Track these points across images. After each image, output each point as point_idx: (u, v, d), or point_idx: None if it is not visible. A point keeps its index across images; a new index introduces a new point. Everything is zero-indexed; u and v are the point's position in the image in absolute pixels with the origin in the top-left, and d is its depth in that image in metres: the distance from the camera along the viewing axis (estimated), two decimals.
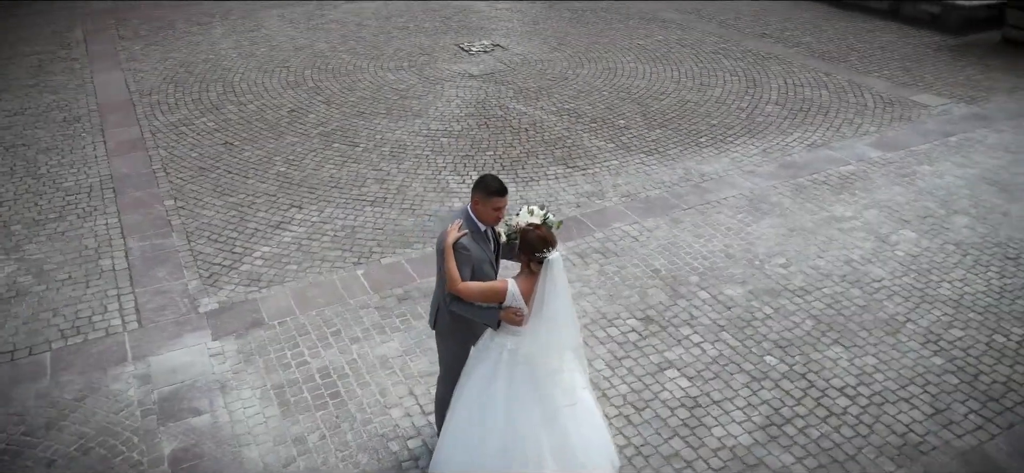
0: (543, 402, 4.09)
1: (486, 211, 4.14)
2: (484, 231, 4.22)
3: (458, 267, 4.06)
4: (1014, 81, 10.59)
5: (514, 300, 4.00)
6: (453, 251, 4.07)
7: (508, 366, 4.11)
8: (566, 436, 4.10)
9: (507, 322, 4.06)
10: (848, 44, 12.24)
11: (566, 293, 4.01)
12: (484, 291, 4.05)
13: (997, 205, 7.42)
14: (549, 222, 4.10)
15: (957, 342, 5.59)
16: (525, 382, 4.09)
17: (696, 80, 10.78)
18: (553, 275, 3.91)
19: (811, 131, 9.14)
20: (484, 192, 4.12)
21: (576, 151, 8.70)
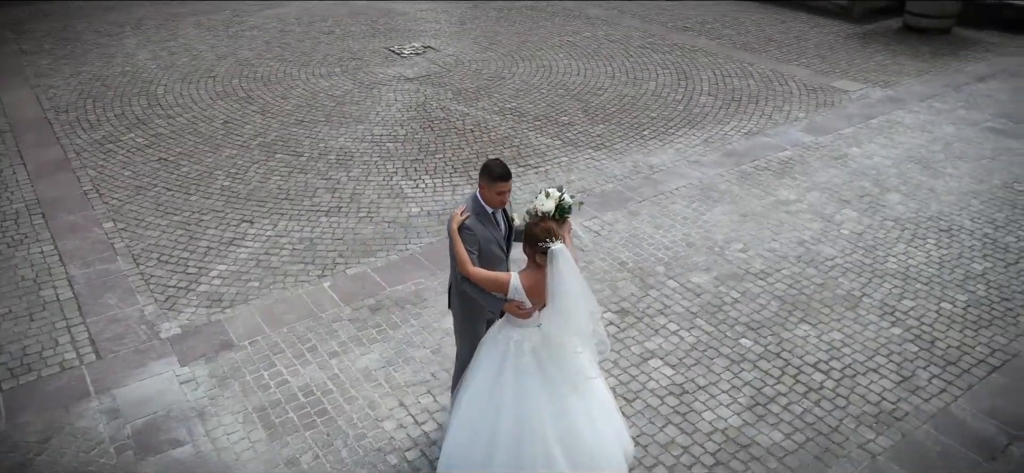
0: (551, 394, 4.10)
1: (491, 195, 4.22)
2: (492, 213, 4.29)
3: (466, 248, 4.12)
4: (920, 65, 11.33)
5: (516, 294, 4.01)
6: (458, 234, 4.16)
7: (515, 358, 4.11)
8: (576, 428, 4.12)
9: (511, 314, 4.08)
10: (766, 35, 12.78)
11: (574, 283, 3.94)
12: (489, 280, 4.06)
13: (924, 182, 7.92)
14: (566, 204, 4.14)
15: (910, 312, 5.95)
16: (532, 374, 4.10)
17: (630, 74, 11.02)
18: (558, 266, 3.88)
19: (745, 120, 9.51)
20: (488, 177, 4.20)
21: (525, 150, 8.75)
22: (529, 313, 4.06)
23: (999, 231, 7.02)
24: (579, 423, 4.13)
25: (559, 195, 4.16)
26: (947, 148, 8.65)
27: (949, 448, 4.70)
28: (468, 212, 4.25)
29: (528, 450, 4.10)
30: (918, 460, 4.62)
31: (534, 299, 4.01)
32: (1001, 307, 5.99)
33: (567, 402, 4.12)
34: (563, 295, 3.91)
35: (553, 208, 4.14)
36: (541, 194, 4.18)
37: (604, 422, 4.26)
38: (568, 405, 4.12)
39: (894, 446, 4.72)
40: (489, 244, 4.26)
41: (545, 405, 4.10)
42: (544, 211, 4.13)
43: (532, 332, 4.10)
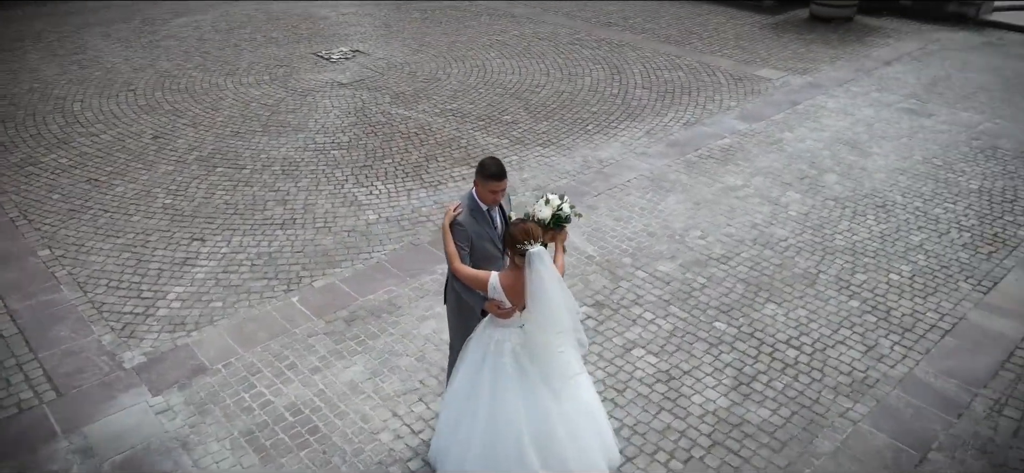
0: (529, 396, 4.08)
1: (485, 193, 4.23)
2: (487, 211, 4.29)
3: (456, 244, 4.15)
4: (831, 52, 11.98)
5: (495, 293, 4.00)
6: (450, 229, 4.17)
7: (495, 357, 4.11)
8: (554, 432, 4.09)
9: (491, 313, 4.09)
10: (687, 28, 13.21)
11: (554, 285, 3.91)
12: (471, 278, 4.06)
13: (855, 162, 8.40)
14: (563, 213, 4.13)
15: (864, 285, 6.31)
16: (511, 375, 4.08)
17: (564, 71, 11.17)
18: (536, 268, 3.84)
19: (682, 110, 9.81)
20: (482, 175, 4.20)
21: (473, 151, 8.74)
22: (509, 313, 4.03)
23: (928, 204, 7.52)
24: (557, 428, 4.10)
25: (558, 203, 4.15)
26: (869, 129, 9.20)
27: (920, 409, 5.02)
28: (462, 208, 4.26)
29: (501, 450, 4.10)
30: (895, 423, 4.91)
31: (514, 299, 3.98)
32: (942, 274, 6.43)
33: (546, 406, 4.09)
34: (542, 298, 3.88)
35: (549, 216, 4.13)
36: (541, 200, 4.18)
37: (586, 428, 4.22)
38: (547, 409, 4.09)
39: (871, 412, 5.01)
40: (483, 241, 4.26)
41: (521, 407, 4.08)
42: (540, 218, 4.11)
43: (513, 332, 4.09)
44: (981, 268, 6.51)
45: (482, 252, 4.25)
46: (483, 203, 4.27)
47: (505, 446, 4.10)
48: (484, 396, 4.15)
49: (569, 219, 4.18)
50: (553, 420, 4.11)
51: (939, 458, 4.66)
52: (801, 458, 4.67)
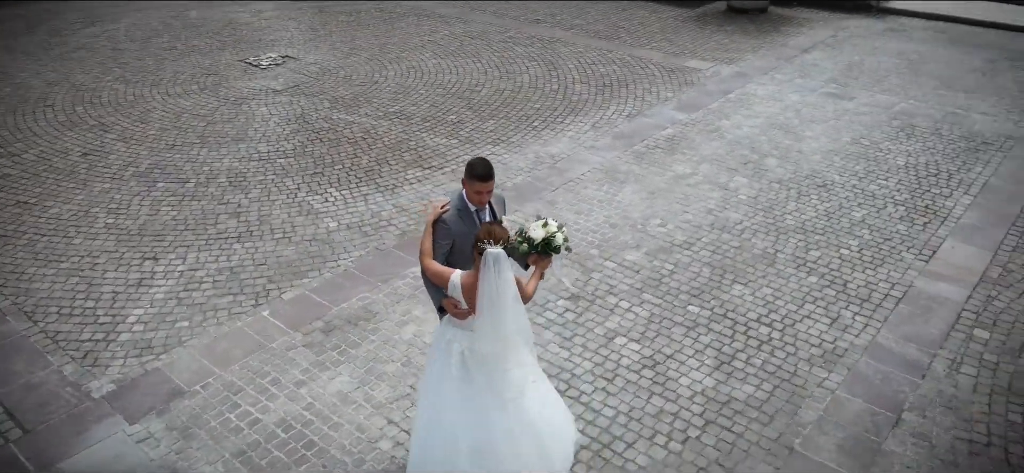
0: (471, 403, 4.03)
1: (471, 193, 4.21)
2: (475, 212, 4.26)
3: (434, 241, 4.16)
4: (753, 41, 12.50)
5: (454, 291, 3.96)
6: (433, 226, 4.18)
7: (443, 356, 4.11)
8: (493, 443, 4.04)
9: (448, 310, 4.05)
10: (614, 23, 13.50)
11: (507, 295, 3.81)
12: (435, 273, 4.06)
13: (791, 145, 8.82)
14: (556, 241, 3.93)
15: (819, 261, 6.65)
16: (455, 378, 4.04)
17: (500, 69, 11.23)
18: (491, 271, 3.73)
19: (622, 103, 10.04)
20: (470, 175, 4.19)
21: (424, 152, 8.69)
22: (464, 315, 3.97)
23: (863, 181, 7.98)
24: (497, 439, 4.05)
25: (554, 231, 3.94)
26: (799, 114, 9.67)
27: (888, 374, 5.35)
28: (450, 207, 4.24)
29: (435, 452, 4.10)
30: (868, 389, 5.22)
31: (470, 302, 3.91)
32: (886, 247, 6.85)
33: (489, 415, 4.03)
34: (491, 303, 3.78)
35: (540, 239, 3.91)
36: (539, 220, 3.99)
37: (528, 444, 4.14)
38: (490, 419, 4.03)
39: (845, 380, 5.30)
40: (467, 241, 4.15)
41: (460, 412, 4.03)
42: (531, 236, 3.93)
43: (464, 335, 4.03)
44: (919, 238, 6.96)
45: (467, 252, 4.13)
46: (471, 203, 4.24)
47: (439, 448, 4.10)
48: (429, 395, 4.17)
49: (558, 250, 3.96)
50: (495, 432, 4.03)
51: (912, 418, 4.98)
52: (789, 428, 4.90)
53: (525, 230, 3.99)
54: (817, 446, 4.76)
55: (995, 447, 4.77)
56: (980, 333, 5.75)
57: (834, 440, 4.80)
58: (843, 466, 4.61)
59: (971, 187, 7.83)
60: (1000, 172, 8.13)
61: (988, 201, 7.56)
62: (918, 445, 4.78)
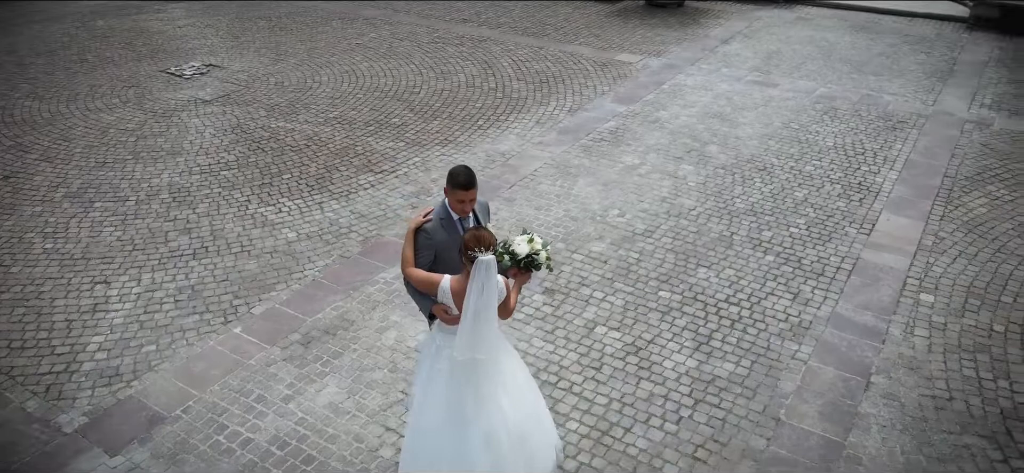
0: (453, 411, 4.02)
1: (453, 202, 4.14)
2: (458, 221, 4.20)
3: (416, 251, 4.12)
4: (675, 34, 12.94)
5: (443, 296, 3.94)
6: (414, 235, 4.13)
7: (432, 362, 4.10)
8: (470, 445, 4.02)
9: (438, 317, 4.05)
10: (539, 20, 13.68)
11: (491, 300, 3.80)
12: (422, 280, 4.02)
13: (729, 132, 9.20)
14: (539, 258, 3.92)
15: (772, 240, 6.98)
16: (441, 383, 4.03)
17: (435, 70, 11.19)
18: (478, 277, 3.72)
19: (561, 99, 10.21)
20: (451, 184, 4.11)
21: (373, 156, 8.59)
22: (455, 320, 3.95)
23: (799, 163, 8.42)
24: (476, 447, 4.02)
25: (539, 248, 3.93)
26: (730, 102, 10.09)
27: (852, 341, 5.69)
28: (433, 216, 4.19)
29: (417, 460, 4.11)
30: (836, 357, 5.54)
31: (460, 307, 3.87)
32: (830, 223, 7.26)
33: (467, 429, 4.01)
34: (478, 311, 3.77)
35: (524, 254, 3.89)
36: (524, 235, 3.94)
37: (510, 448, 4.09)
38: (467, 432, 4.01)
39: (815, 350, 5.61)
40: (451, 252, 4.10)
41: (443, 419, 4.03)
42: (515, 251, 3.89)
43: (450, 335, 4.01)
44: (858, 213, 7.42)
45: (450, 262, 4.10)
46: (454, 213, 4.18)
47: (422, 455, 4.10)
48: (417, 398, 4.17)
49: (540, 268, 3.94)
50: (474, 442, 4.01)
51: (880, 380, 5.33)
52: (772, 401, 5.15)
53: (509, 244, 3.94)
54: (800, 414, 5.03)
55: (957, 400, 5.16)
56: (925, 297, 6.19)
57: (815, 408, 5.08)
58: (827, 431, 4.89)
59: (895, 163, 8.39)
60: (918, 148, 8.75)
61: (912, 175, 8.13)
62: (889, 405, 5.12)
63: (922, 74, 11.05)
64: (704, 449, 4.77)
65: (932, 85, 10.63)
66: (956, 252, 6.79)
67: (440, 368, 4.03)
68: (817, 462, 4.67)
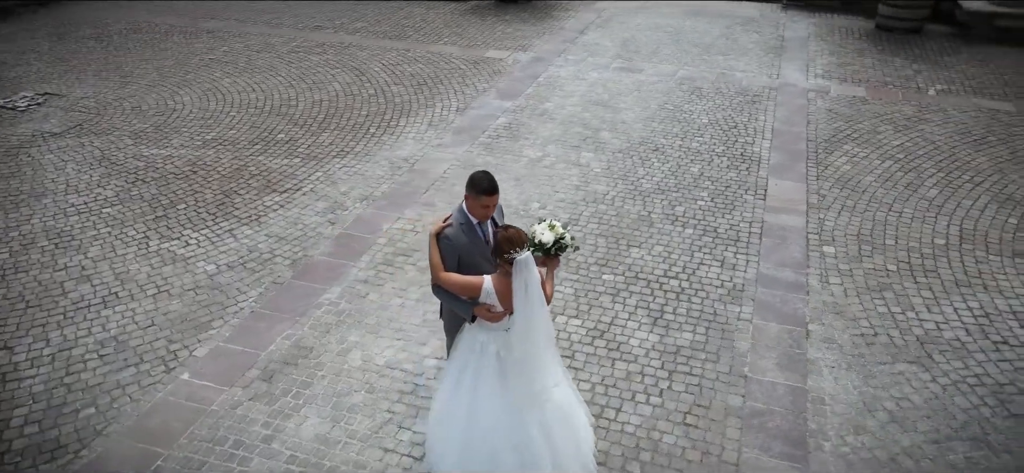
0: (508, 402, 4.16)
1: (476, 208, 4.21)
2: (477, 225, 4.27)
3: (441, 257, 4.14)
4: (534, 28, 13.32)
5: (488, 297, 4.04)
6: (436, 241, 4.15)
7: (479, 359, 4.19)
8: (529, 438, 4.14)
9: (481, 318, 4.13)
10: (395, 22, 13.53)
11: (537, 294, 3.97)
12: (462, 285, 4.08)
13: (615, 118, 9.67)
14: (565, 241, 4.04)
15: (686, 214, 7.47)
16: (492, 379, 4.16)
17: (306, 80, 10.78)
18: (523, 276, 3.89)
19: (445, 99, 10.21)
20: (474, 190, 4.17)
21: (271, 176, 8.16)
22: (500, 316, 4.08)
23: (685, 141, 9.04)
24: (534, 434, 4.15)
25: (562, 232, 4.03)
26: (606, 89, 10.59)
27: (782, 297, 6.26)
28: (452, 222, 4.23)
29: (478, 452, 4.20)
30: (775, 313, 6.07)
31: (504, 304, 4.05)
32: (730, 194, 7.88)
33: (523, 414, 4.14)
34: (526, 306, 3.94)
35: (551, 241, 3.99)
36: (545, 223, 4.06)
37: (561, 433, 4.26)
38: (524, 417, 4.14)
39: (755, 309, 6.11)
40: (473, 256, 4.21)
41: (500, 412, 4.14)
42: (542, 241, 4.01)
43: (499, 335, 4.14)
44: (749, 181, 8.11)
45: (473, 267, 4.18)
46: (474, 217, 4.24)
47: (482, 448, 4.19)
48: (464, 398, 4.21)
49: (566, 249, 4.05)
50: (530, 428, 4.17)
51: (815, 328, 5.92)
52: (735, 360, 5.56)
53: (534, 235, 4.03)
54: (762, 369, 5.48)
55: (880, 335, 5.85)
56: (828, 249, 6.93)
57: (771, 361, 5.56)
58: (789, 380, 5.37)
59: (765, 133, 9.24)
60: (778, 117, 9.69)
61: (781, 143, 9.00)
62: (830, 348, 5.70)
63: (760, 51, 12.20)
64: (692, 414, 5.08)
65: (771, 60, 11.77)
66: (839, 206, 7.63)
67: (488, 364, 4.09)
68: (790, 408, 5.13)
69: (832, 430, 4.97)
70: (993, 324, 5.97)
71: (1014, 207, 7.62)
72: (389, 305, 6.12)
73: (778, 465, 4.70)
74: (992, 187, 8.01)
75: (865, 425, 5.02)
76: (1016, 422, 5.05)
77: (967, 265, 6.72)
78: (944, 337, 5.83)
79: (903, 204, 7.66)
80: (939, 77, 11.10)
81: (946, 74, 11.23)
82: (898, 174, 8.27)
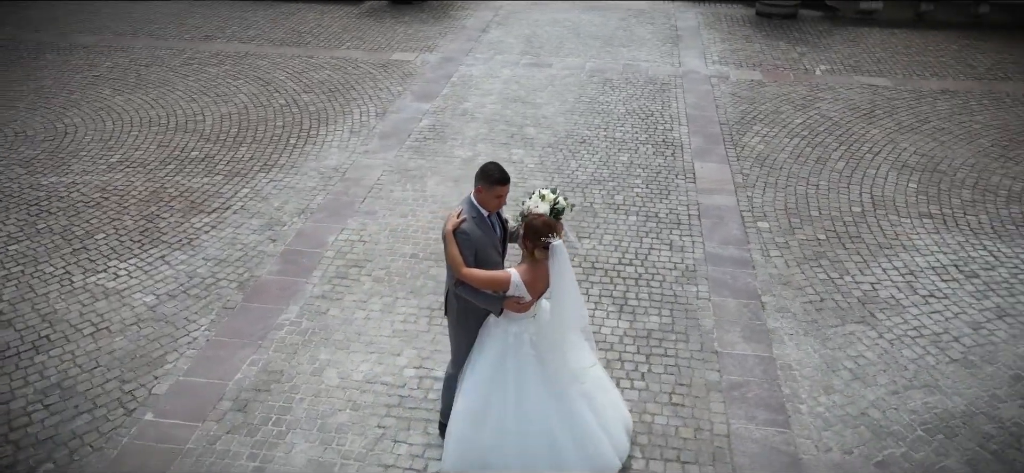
0: (552, 384, 4.26)
1: (489, 199, 4.20)
2: (487, 217, 4.26)
3: (461, 252, 4.10)
4: (436, 28, 13.21)
5: (517, 290, 4.10)
6: (454, 237, 4.11)
7: (516, 349, 4.24)
8: (580, 414, 4.32)
9: (510, 310, 4.18)
10: (291, 28, 13.05)
11: (571, 276, 4.14)
12: (488, 280, 4.09)
13: (536, 113, 9.76)
14: (560, 205, 4.25)
15: (627, 202, 7.66)
16: (533, 365, 4.26)
17: (209, 94, 10.22)
18: (559, 261, 4.03)
19: (363, 104, 9.97)
20: (487, 181, 4.17)
21: (194, 196, 7.69)
22: (528, 306, 4.16)
23: (609, 131, 9.27)
24: (581, 408, 4.31)
25: (554, 197, 4.22)
26: (521, 85, 10.68)
27: (734, 273, 6.56)
28: (465, 216, 4.18)
29: (533, 443, 4.27)
30: (729, 289, 6.35)
31: (533, 291, 4.13)
32: (661, 179, 8.16)
33: (568, 391, 4.28)
34: (563, 291, 4.08)
35: (548, 210, 4.18)
36: (535, 195, 4.22)
37: (604, 403, 4.49)
38: (569, 394, 4.29)
39: (711, 287, 6.37)
40: (486, 248, 4.24)
41: (547, 396, 4.24)
42: (538, 213, 4.17)
43: (528, 323, 4.23)
44: (677, 166, 8.44)
45: (485, 259, 4.21)
46: (485, 209, 4.22)
47: (537, 439, 4.25)
48: (511, 391, 4.24)
49: (564, 210, 4.26)
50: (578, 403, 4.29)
51: (768, 299, 6.25)
52: (704, 338, 5.78)
53: (528, 210, 4.19)
54: (731, 343, 5.73)
55: (826, 300, 6.26)
56: (762, 224, 7.33)
57: (737, 335, 5.82)
58: (755, 351, 5.65)
59: (680, 118, 9.63)
60: (689, 103, 10.12)
61: (697, 128, 9.42)
62: (785, 317, 6.04)
63: (658, 41, 12.69)
64: (676, 394, 5.25)
65: (669, 50, 12.27)
66: (762, 184, 8.08)
67: (526, 354, 4.14)
68: (763, 378, 5.40)
69: (804, 393, 5.28)
70: (918, 280, 6.52)
71: (911, 173, 8.34)
72: (353, 319, 5.93)
73: (765, 432, 4.95)
74: (888, 156, 8.73)
75: (832, 385, 5.36)
76: (957, 367, 5.55)
77: (884, 228, 7.29)
78: (880, 296, 6.31)
79: (817, 177, 8.21)
80: (821, 58, 11.95)
81: (827, 55, 12.10)
82: (807, 150, 8.85)
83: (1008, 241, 7.08)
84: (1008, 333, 5.89)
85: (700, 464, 4.72)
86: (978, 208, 7.64)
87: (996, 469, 4.72)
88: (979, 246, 7.01)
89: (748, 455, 4.78)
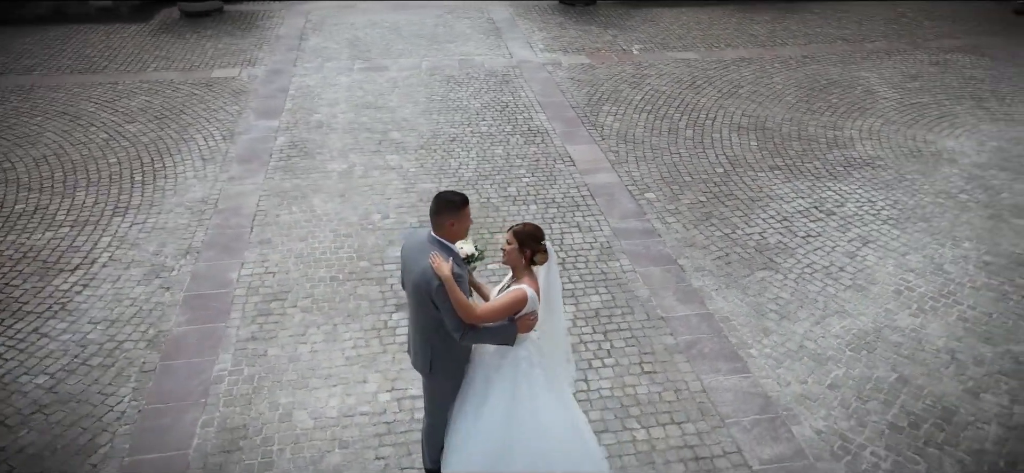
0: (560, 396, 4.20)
1: (462, 225, 3.96)
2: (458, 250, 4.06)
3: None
4: (249, 41, 12.34)
5: (533, 304, 3.96)
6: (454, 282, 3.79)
7: (527, 374, 4.08)
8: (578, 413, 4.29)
9: (522, 331, 4.02)
10: (76, 53, 11.53)
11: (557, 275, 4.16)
12: (505, 306, 3.91)
13: (393, 117, 9.53)
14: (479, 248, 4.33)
15: (520, 192, 7.78)
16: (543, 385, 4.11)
17: (6, 137, 8.76)
18: (551, 262, 4.04)
19: (203, 128, 9.10)
20: (453, 210, 3.90)
21: (43, 254, 6.60)
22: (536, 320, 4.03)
23: (473, 126, 9.29)
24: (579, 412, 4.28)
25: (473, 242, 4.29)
26: (365, 91, 10.32)
27: (645, 244, 6.96)
28: (444, 256, 3.86)
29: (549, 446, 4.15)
30: (646, 258, 6.73)
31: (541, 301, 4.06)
32: (544, 166, 8.36)
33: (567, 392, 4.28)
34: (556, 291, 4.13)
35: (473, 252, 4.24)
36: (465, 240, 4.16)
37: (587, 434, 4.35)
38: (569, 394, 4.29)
39: (632, 260, 6.70)
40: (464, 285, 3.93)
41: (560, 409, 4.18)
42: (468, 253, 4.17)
43: (529, 343, 4.10)
44: (551, 151, 8.71)
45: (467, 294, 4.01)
46: (454, 240, 3.98)
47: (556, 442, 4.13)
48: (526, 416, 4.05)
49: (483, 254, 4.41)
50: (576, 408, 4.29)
51: (685, 262, 6.72)
52: (646, 307, 6.09)
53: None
54: (671, 308, 6.10)
55: (731, 254, 6.87)
56: (649, 195, 7.83)
57: (673, 299, 6.21)
58: (694, 310, 6.07)
59: (536, 106, 9.93)
60: (534, 91, 10.45)
61: (554, 113, 9.76)
62: (705, 274, 6.55)
63: (481, 35, 12.91)
64: (645, 363, 5.50)
65: (495, 42, 12.55)
66: (632, 158, 8.62)
67: (536, 377, 4.00)
68: (711, 333, 5.83)
69: (749, 339, 5.79)
70: (794, 224, 7.37)
71: (747, 133, 9.34)
72: (298, 355, 5.49)
73: (732, 380, 5.36)
74: (724, 120, 9.69)
75: (766, 327, 5.93)
76: (851, 291, 6.38)
77: (748, 183, 8.12)
78: (771, 243, 7.05)
79: (676, 147, 8.92)
80: (632, 38, 12.89)
81: (636, 35, 13.07)
82: (657, 123, 9.56)
83: (845, 180, 8.21)
84: (875, 257, 6.87)
85: (693, 421, 5.01)
86: (810, 156, 8.76)
87: (913, 370, 5.52)
88: (825, 188, 8.05)
89: (727, 404, 5.16)
